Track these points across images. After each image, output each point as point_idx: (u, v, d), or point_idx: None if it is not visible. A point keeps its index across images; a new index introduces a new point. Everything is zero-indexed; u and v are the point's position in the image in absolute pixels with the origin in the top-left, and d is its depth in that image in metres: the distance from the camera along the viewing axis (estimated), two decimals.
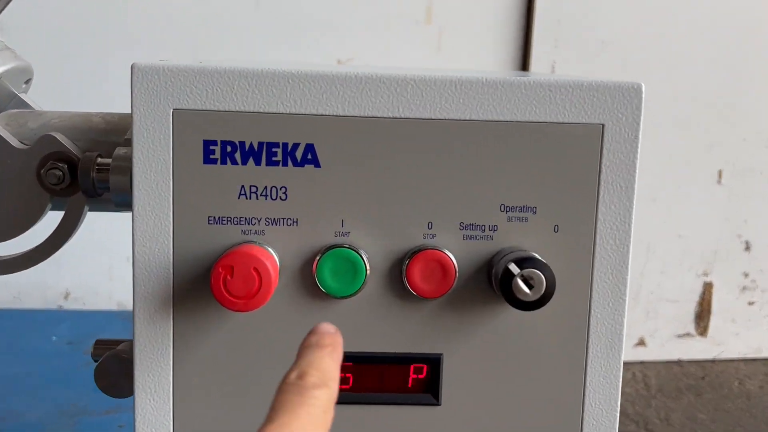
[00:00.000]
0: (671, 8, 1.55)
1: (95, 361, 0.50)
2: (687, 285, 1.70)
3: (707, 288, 1.70)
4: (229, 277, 0.37)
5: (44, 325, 1.41)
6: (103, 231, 1.22)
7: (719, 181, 1.65)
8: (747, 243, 1.70)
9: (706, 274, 1.70)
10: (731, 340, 1.74)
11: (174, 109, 0.40)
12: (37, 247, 0.54)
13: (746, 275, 1.73)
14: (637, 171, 0.41)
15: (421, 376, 0.43)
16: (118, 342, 0.50)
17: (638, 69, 1.57)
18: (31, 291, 1.47)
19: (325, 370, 0.30)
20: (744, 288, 1.73)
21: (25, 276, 0.63)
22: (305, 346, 0.31)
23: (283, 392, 0.28)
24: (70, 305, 1.50)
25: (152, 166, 0.40)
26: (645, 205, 1.65)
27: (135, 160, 0.40)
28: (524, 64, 1.55)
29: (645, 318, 1.68)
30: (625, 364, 1.66)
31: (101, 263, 1.48)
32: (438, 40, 1.52)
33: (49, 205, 0.53)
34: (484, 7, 1.52)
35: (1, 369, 1.23)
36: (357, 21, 1.50)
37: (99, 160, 0.50)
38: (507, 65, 1.54)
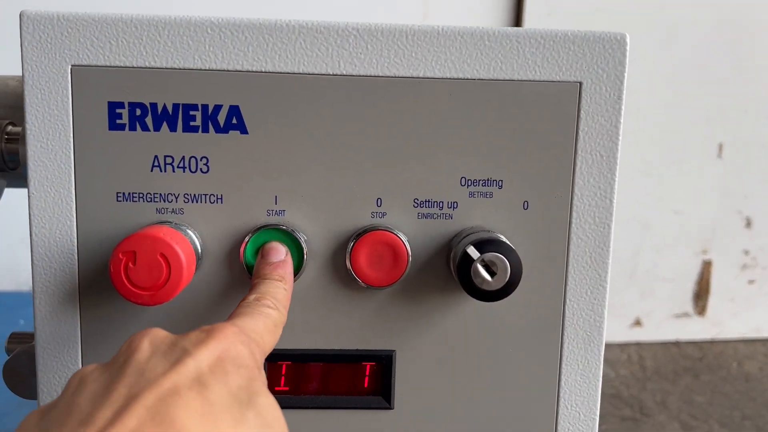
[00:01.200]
0: None
1: (9, 355, 0.44)
2: (684, 263, 1.65)
3: (706, 266, 1.65)
4: (131, 264, 0.31)
5: (13, 309, 1.35)
6: None
7: (719, 155, 1.59)
8: (748, 219, 1.64)
9: (704, 252, 1.65)
10: (730, 319, 1.69)
11: (72, 66, 0.34)
12: None
13: (746, 253, 1.67)
14: (620, 136, 0.35)
15: (371, 376, 0.37)
16: (33, 335, 0.44)
17: (634, 37, 1.49)
18: (2, 273, 1.42)
19: (280, 299, 0.33)
20: (744, 266, 1.67)
21: None
22: (260, 277, 0.33)
23: (243, 306, 0.31)
24: None
25: (49, 133, 0.34)
26: (640, 179, 1.59)
27: (28, 126, 0.34)
28: None
29: (640, 298, 1.62)
30: (621, 345, 1.60)
31: None
32: (425, 8, 1.45)
33: None
34: None
35: None
36: None
37: (9, 128, 0.43)
38: None
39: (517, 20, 1.48)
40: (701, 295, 1.67)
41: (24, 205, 0.50)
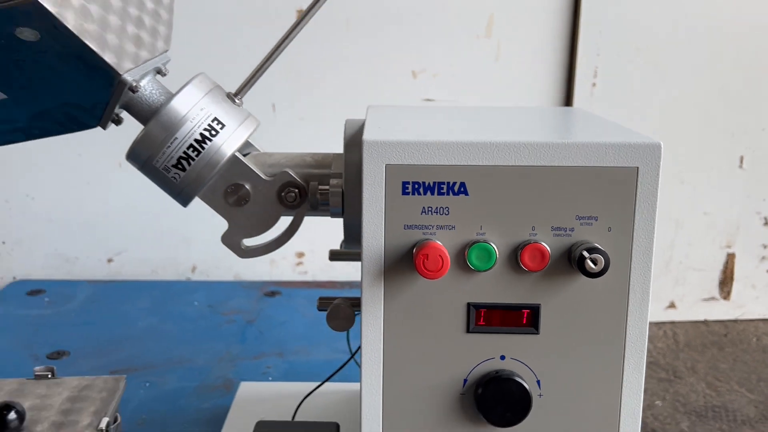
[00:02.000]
0: (694, 14, 1.79)
1: (320, 310, 0.80)
2: (712, 255, 1.96)
3: (730, 258, 1.96)
4: (426, 259, 0.67)
5: (181, 293, 1.73)
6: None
7: (741, 165, 1.90)
8: (765, 219, 1.96)
9: (729, 246, 1.96)
10: (751, 303, 2.01)
11: (386, 164, 0.69)
12: (273, 240, 0.85)
13: (765, 246, 1.98)
14: (658, 198, 0.70)
15: (527, 317, 0.72)
16: (333, 298, 0.81)
17: (668, 69, 1.82)
18: (165, 266, 1.80)
19: None
20: (763, 258, 1.98)
21: (161, 253, 0.91)
22: None
23: None
24: (197, 277, 1.83)
25: (374, 197, 0.70)
26: (675, 186, 1.91)
27: (364, 194, 0.70)
28: (570, 69, 1.81)
29: (674, 284, 1.95)
30: (657, 323, 2.01)
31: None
32: (497, 52, 1.79)
33: (281, 215, 0.84)
34: (537, 23, 1.78)
35: (161, 326, 1.56)
36: (426, 37, 1.78)
37: (320, 187, 0.80)
38: (556, 71, 1.81)
39: (572, 59, 1.81)
40: (726, 282, 2.00)
41: (182, 211, 0.85)
